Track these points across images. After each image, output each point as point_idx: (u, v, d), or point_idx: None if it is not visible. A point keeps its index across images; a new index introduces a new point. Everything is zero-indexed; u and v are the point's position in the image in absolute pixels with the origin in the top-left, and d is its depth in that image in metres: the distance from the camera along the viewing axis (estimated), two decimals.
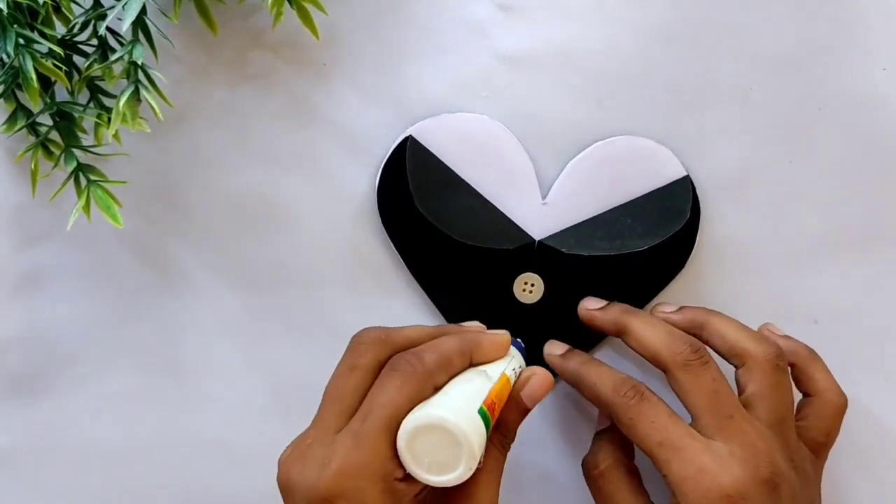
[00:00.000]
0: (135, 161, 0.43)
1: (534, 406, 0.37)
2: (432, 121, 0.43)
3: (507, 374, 0.36)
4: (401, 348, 0.35)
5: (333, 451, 0.31)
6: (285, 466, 0.32)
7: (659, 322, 0.38)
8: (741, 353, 0.37)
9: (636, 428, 0.35)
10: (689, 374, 0.35)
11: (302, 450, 0.32)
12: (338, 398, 0.34)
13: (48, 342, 0.45)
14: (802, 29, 0.44)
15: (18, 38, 0.37)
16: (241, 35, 0.44)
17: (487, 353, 0.36)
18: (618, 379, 0.37)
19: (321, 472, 0.30)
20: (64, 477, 0.45)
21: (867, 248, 0.45)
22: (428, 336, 0.36)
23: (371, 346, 0.35)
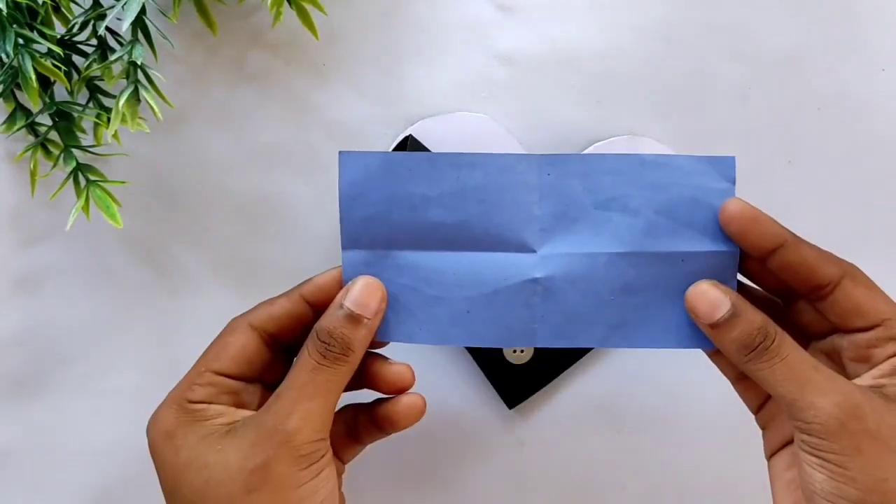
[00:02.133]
0: (134, 161, 0.43)
1: (364, 311, 0.33)
2: (432, 120, 0.43)
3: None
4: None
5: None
6: None
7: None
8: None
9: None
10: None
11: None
12: None
13: (48, 342, 0.45)
14: (802, 29, 0.44)
15: (18, 38, 0.37)
16: (241, 35, 0.44)
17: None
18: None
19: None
20: (64, 477, 0.45)
21: (867, 248, 0.45)
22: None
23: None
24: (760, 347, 0.31)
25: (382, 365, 0.36)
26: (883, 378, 0.31)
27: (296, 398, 0.32)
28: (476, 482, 0.46)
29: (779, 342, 0.31)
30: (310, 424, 0.31)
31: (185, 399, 0.33)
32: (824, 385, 0.30)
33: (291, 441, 0.31)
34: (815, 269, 0.32)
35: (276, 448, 0.31)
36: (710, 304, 0.33)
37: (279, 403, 0.32)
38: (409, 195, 0.34)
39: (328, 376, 0.32)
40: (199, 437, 0.32)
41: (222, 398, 0.34)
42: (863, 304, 0.32)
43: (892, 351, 0.32)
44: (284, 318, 0.35)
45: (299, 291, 0.35)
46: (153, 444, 0.33)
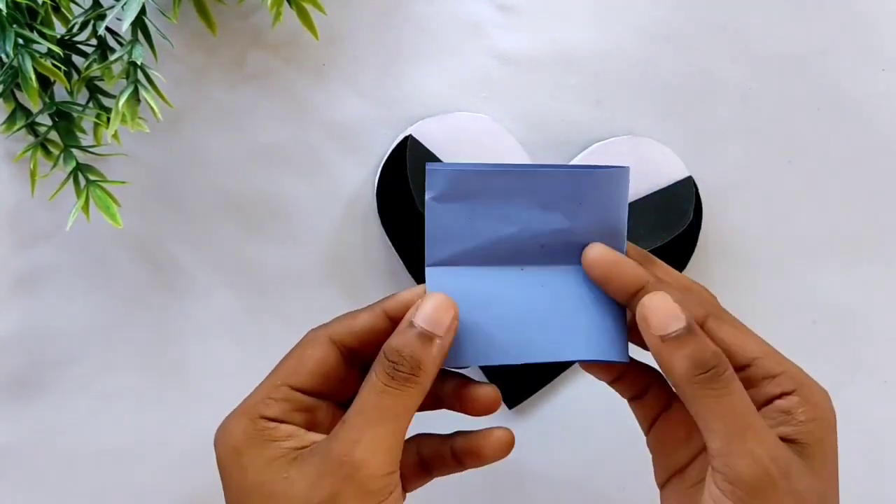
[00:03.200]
0: (134, 161, 0.43)
1: (435, 329, 0.31)
2: (432, 120, 0.43)
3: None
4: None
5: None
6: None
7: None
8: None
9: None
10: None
11: None
12: None
13: (48, 342, 0.45)
14: (802, 29, 0.44)
15: (18, 38, 0.37)
16: (241, 35, 0.44)
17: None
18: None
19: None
20: (64, 477, 0.45)
21: (867, 248, 0.45)
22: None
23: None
24: (714, 372, 0.30)
25: (466, 385, 0.34)
26: (778, 428, 0.30)
27: (362, 424, 0.30)
28: (476, 482, 0.46)
29: (731, 375, 0.30)
30: (377, 456, 0.29)
31: (258, 414, 0.32)
32: (763, 435, 0.29)
33: (358, 474, 0.29)
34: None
35: (342, 482, 0.29)
36: (665, 315, 0.30)
37: (345, 430, 0.30)
38: (490, 209, 0.33)
39: (396, 399, 0.30)
40: (267, 461, 0.30)
41: (295, 416, 0.32)
42: (731, 346, 0.31)
43: (773, 391, 0.31)
44: (365, 333, 0.33)
45: (382, 307, 0.33)
46: (221, 457, 0.32)
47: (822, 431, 0.30)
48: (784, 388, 0.30)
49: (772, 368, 0.31)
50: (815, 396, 0.31)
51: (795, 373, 0.31)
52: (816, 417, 0.30)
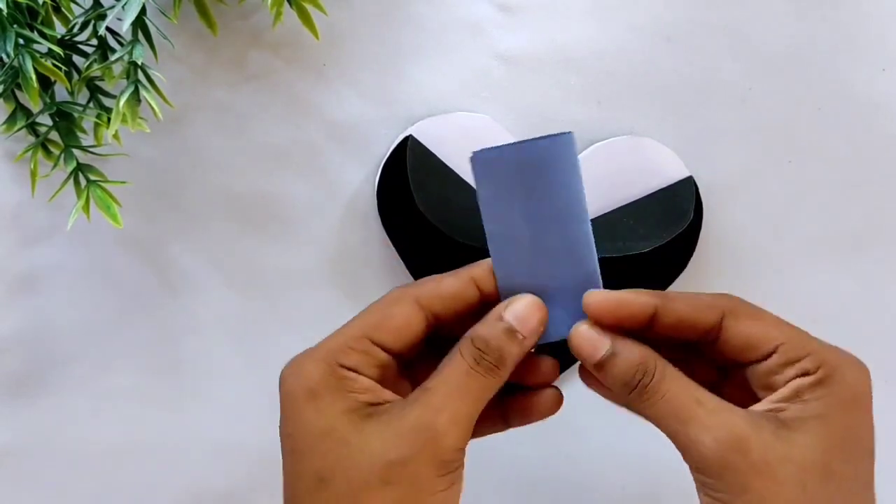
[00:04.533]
0: (134, 161, 0.43)
1: (522, 329, 0.32)
2: (432, 120, 0.43)
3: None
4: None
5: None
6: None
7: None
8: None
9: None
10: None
11: None
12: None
13: (48, 342, 0.45)
14: (802, 29, 0.44)
15: (18, 38, 0.37)
16: (241, 35, 0.44)
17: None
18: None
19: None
20: (64, 477, 0.45)
21: (867, 248, 0.45)
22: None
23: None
24: (640, 385, 0.30)
25: (528, 356, 0.33)
26: (781, 402, 0.30)
27: (447, 395, 0.30)
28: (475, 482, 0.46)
29: (659, 378, 0.30)
30: (457, 428, 0.30)
31: (337, 361, 0.31)
32: (707, 420, 0.29)
33: (438, 442, 0.29)
34: (692, 322, 0.31)
35: (421, 445, 0.29)
36: (591, 344, 0.31)
37: (429, 397, 0.30)
38: (534, 187, 0.33)
39: (479, 382, 0.31)
40: (343, 409, 0.30)
41: (372, 370, 0.32)
42: (751, 338, 0.31)
43: (792, 374, 0.30)
44: (451, 299, 0.33)
45: (469, 273, 0.33)
46: (292, 395, 0.31)
47: (838, 408, 0.30)
48: (806, 368, 0.30)
49: (795, 353, 0.30)
50: (839, 375, 0.30)
51: (822, 353, 0.30)
52: (831, 395, 0.30)
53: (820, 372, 0.30)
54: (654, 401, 0.30)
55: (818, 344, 0.31)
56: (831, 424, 0.30)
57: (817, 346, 0.31)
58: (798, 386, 0.30)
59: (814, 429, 0.29)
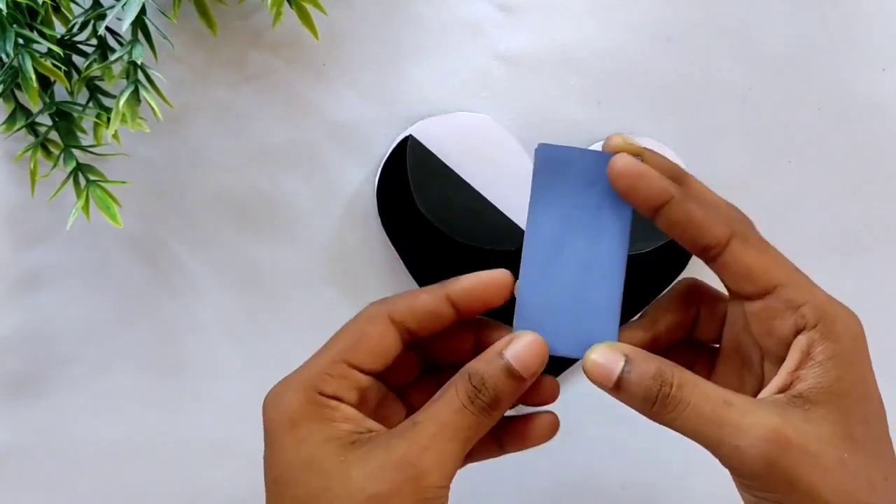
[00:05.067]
0: (134, 161, 0.43)
1: (523, 371, 0.31)
2: (432, 120, 0.43)
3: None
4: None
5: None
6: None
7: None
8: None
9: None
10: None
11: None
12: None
13: (48, 342, 0.45)
14: (802, 29, 0.44)
15: (18, 38, 0.37)
16: (241, 35, 0.44)
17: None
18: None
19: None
20: (64, 477, 0.45)
21: (867, 248, 0.45)
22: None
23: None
24: (660, 397, 0.29)
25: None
26: (796, 372, 0.29)
27: (435, 434, 0.29)
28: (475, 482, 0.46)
29: (678, 384, 0.29)
30: (442, 468, 0.29)
31: (316, 389, 0.31)
32: (741, 422, 0.28)
33: (421, 480, 0.29)
34: (701, 228, 0.30)
35: (403, 481, 0.29)
36: (603, 369, 0.30)
37: (416, 434, 0.30)
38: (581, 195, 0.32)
39: (471, 422, 0.30)
40: (324, 439, 0.30)
41: (351, 394, 0.31)
42: (752, 268, 0.30)
43: (793, 322, 0.29)
44: (426, 316, 0.32)
45: (445, 291, 0.32)
46: (273, 425, 0.31)
47: (848, 366, 0.29)
48: (807, 320, 0.29)
49: (795, 297, 0.30)
50: (840, 327, 0.30)
51: (820, 302, 0.30)
52: (836, 354, 0.29)
53: (820, 325, 0.29)
54: (679, 411, 0.29)
55: (817, 290, 0.30)
56: (846, 386, 0.29)
57: (816, 292, 0.30)
58: (806, 346, 0.29)
59: (835, 396, 0.29)
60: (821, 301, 0.30)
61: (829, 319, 0.29)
